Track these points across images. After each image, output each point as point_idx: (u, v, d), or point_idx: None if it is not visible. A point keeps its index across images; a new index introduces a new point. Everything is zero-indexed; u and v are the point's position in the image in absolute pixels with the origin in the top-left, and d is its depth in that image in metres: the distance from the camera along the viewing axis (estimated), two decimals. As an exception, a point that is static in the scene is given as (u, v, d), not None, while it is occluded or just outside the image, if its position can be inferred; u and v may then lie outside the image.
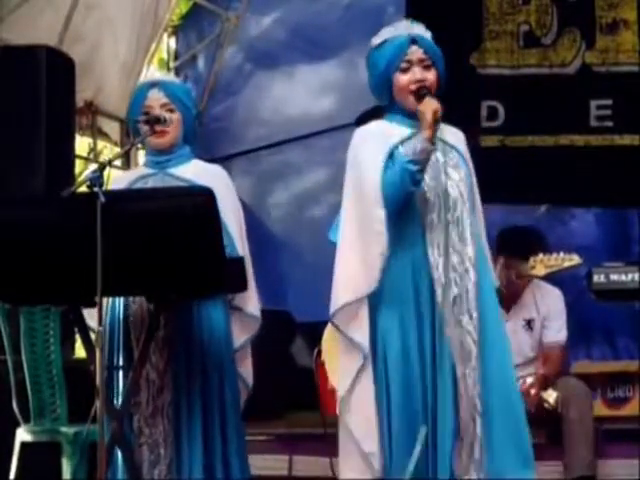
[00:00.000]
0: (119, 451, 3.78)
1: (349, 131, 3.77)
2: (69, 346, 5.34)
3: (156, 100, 3.99)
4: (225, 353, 3.93)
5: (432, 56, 3.58)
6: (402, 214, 3.47)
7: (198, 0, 7.77)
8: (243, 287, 3.80)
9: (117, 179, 4.25)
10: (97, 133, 7.33)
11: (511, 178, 6.47)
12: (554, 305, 5.25)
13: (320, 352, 4.76)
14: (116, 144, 7.54)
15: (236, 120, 7.77)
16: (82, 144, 7.26)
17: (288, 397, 6.14)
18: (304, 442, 5.67)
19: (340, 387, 3.50)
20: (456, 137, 3.65)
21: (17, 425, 4.58)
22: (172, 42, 8.00)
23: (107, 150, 7.98)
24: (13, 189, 4.11)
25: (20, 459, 4.48)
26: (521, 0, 6.59)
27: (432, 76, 3.56)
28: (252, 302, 4.02)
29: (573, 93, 6.46)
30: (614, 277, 4.59)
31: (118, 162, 7.36)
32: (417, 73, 3.55)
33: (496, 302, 3.60)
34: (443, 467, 3.39)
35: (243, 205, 4.19)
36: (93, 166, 6.77)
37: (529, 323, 5.22)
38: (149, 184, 3.98)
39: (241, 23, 7.71)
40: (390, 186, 3.43)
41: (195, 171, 4.03)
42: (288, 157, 7.60)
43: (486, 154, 6.21)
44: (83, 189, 3.54)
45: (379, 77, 3.60)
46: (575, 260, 4.90)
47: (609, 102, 6.40)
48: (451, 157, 3.57)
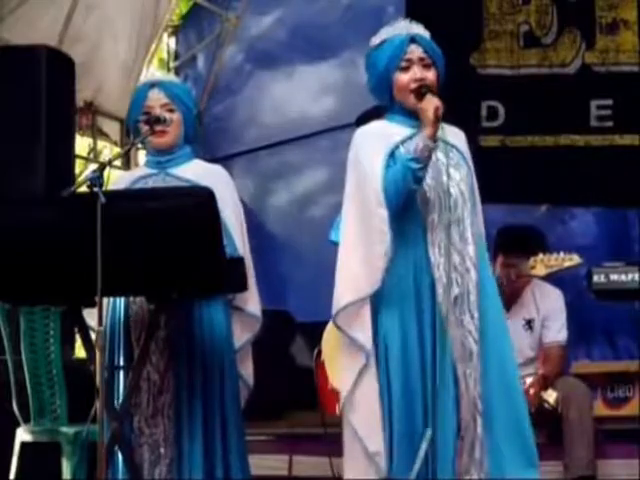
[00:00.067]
0: (119, 451, 3.79)
1: (349, 131, 3.77)
2: (69, 346, 5.34)
3: (156, 100, 3.99)
4: (226, 353, 3.93)
5: (432, 55, 3.58)
6: (403, 214, 3.46)
7: (198, 0, 7.77)
8: (243, 287, 3.81)
9: (118, 179, 4.25)
10: (97, 133, 7.33)
11: (511, 178, 6.47)
12: (554, 305, 5.25)
13: (320, 352, 4.76)
14: (116, 144, 7.54)
15: (236, 120, 7.77)
16: (82, 144, 7.26)
17: (288, 397, 6.14)
18: (304, 442, 5.67)
19: (343, 387, 3.49)
20: (457, 136, 3.64)
21: (17, 425, 4.58)
22: (172, 42, 8.00)
23: (107, 150, 7.98)
24: (13, 189, 4.10)
25: (20, 459, 4.49)
26: (521, 0, 6.59)
27: (432, 75, 3.56)
28: (253, 302, 4.02)
29: (573, 93, 6.46)
30: (614, 277, 4.60)
31: (118, 162, 7.35)
32: (417, 72, 3.54)
33: (498, 301, 3.60)
34: (445, 467, 3.39)
35: (243, 205, 4.18)
36: (93, 166, 6.77)
37: (529, 323, 5.21)
38: (150, 184, 3.97)
39: (241, 23, 7.70)
40: (392, 184, 3.42)
41: (196, 171, 4.03)
42: (288, 157, 7.60)
43: (486, 154, 6.21)
44: (83, 189, 3.54)
45: (379, 77, 3.59)
46: (575, 260, 4.89)
47: (609, 102, 6.40)
48: (452, 157, 3.56)
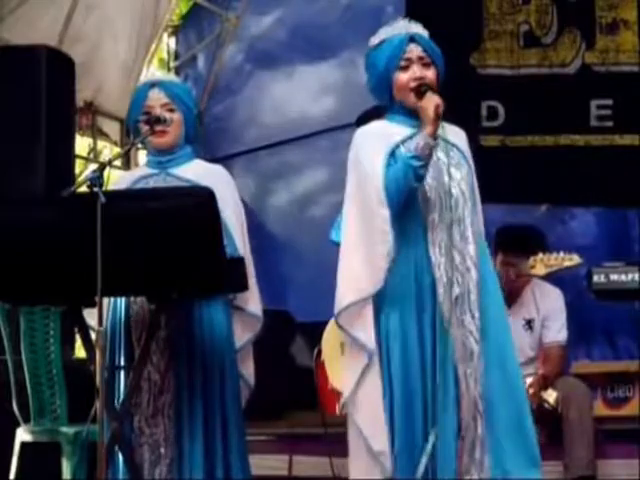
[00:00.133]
0: (119, 451, 3.79)
1: (349, 131, 3.77)
2: (69, 346, 5.34)
3: (157, 100, 3.99)
4: (226, 353, 3.92)
5: (431, 54, 3.57)
6: (404, 213, 3.45)
7: (198, 0, 7.77)
8: (243, 287, 3.80)
9: (119, 179, 4.25)
10: (97, 133, 7.34)
11: (511, 178, 6.47)
12: (554, 305, 5.25)
13: (320, 352, 4.77)
14: (116, 144, 7.55)
15: (236, 120, 7.77)
16: (82, 144, 7.26)
17: (288, 397, 6.14)
18: (304, 442, 5.67)
19: (346, 386, 3.49)
20: (457, 135, 3.64)
21: (17, 425, 4.58)
22: (172, 42, 8.00)
23: (107, 150, 7.98)
24: (13, 189, 4.10)
25: (20, 459, 4.49)
26: (521, 0, 6.59)
27: (432, 74, 3.55)
28: (254, 302, 4.01)
29: (573, 93, 6.46)
30: (614, 277, 4.60)
31: (118, 162, 7.36)
32: (417, 71, 3.53)
33: (500, 300, 3.58)
34: (445, 467, 3.38)
35: (243, 205, 4.18)
36: (93, 166, 6.77)
37: (529, 323, 5.21)
38: (151, 184, 3.97)
39: (241, 23, 7.70)
40: (393, 183, 3.41)
41: (197, 171, 4.02)
42: (288, 157, 7.60)
43: (486, 154, 6.21)
44: (83, 189, 3.54)
45: (379, 77, 3.58)
46: (575, 260, 4.89)
47: (609, 102, 6.40)
48: (452, 156, 3.55)
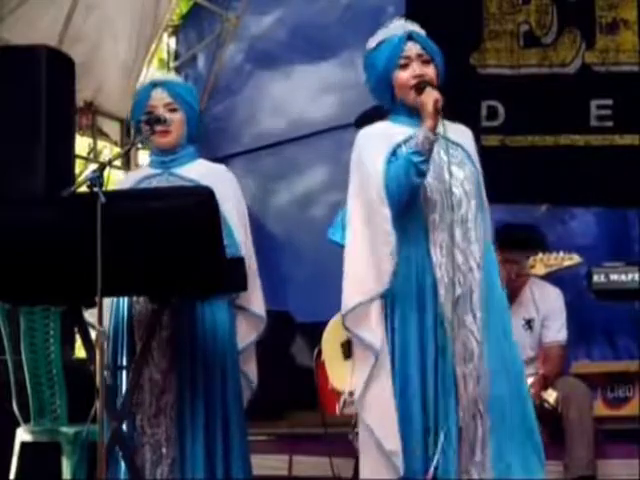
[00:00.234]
0: (120, 452, 3.78)
1: (349, 131, 3.78)
2: (69, 346, 5.34)
3: (159, 100, 3.99)
4: (228, 353, 3.91)
5: (430, 52, 3.56)
6: (405, 213, 3.44)
7: (198, 0, 7.77)
8: (242, 287, 3.80)
9: (122, 179, 4.26)
10: (97, 133, 7.34)
11: (511, 178, 6.46)
12: (554, 305, 5.25)
13: (320, 352, 4.77)
14: (116, 144, 7.55)
15: (236, 120, 7.77)
16: (82, 144, 7.26)
17: (288, 397, 6.14)
18: (304, 442, 5.67)
19: (356, 387, 3.47)
20: (462, 134, 3.62)
21: (17, 425, 4.58)
22: (172, 42, 8.00)
23: (107, 150, 7.98)
24: (13, 189, 4.10)
25: (20, 459, 4.49)
26: (521, 0, 6.59)
27: (431, 71, 3.54)
28: (257, 302, 4.01)
29: (573, 93, 6.46)
30: (614, 277, 4.59)
31: (118, 162, 7.36)
32: (416, 68, 3.52)
33: (504, 301, 3.56)
34: (446, 467, 3.38)
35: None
36: (93, 166, 6.77)
37: (529, 323, 5.21)
38: (154, 184, 3.97)
39: (241, 23, 7.71)
40: (394, 180, 3.40)
41: (200, 171, 4.01)
42: (288, 157, 7.60)
43: (486, 154, 6.16)
44: (83, 189, 3.54)
45: (379, 77, 3.57)
46: (575, 260, 4.89)
47: (609, 102, 6.40)
48: (455, 155, 3.53)
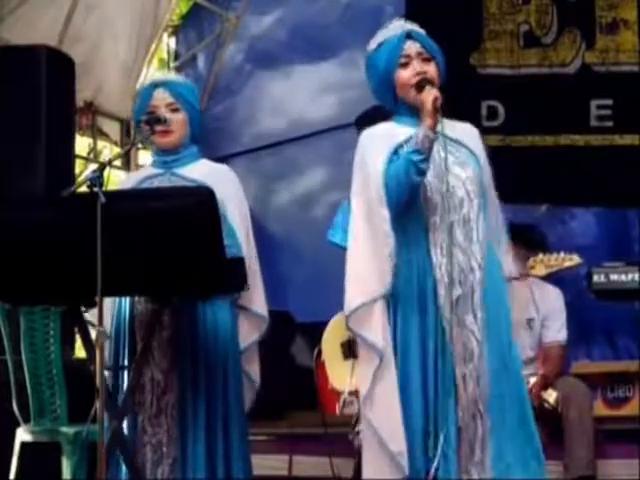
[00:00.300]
0: (119, 452, 3.78)
1: (349, 131, 3.77)
2: (69, 346, 5.34)
3: (161, 100, 3.98)
4: (230, 352, 3.91)
5: (429, 50, 3.55)
6: (405, 213, 3.43)
7: (198, 0, 7.77)
8: (241, 287, 3.79)
9: (125, 179, 4.25)
10: (97, 133, 7.34)
11: (511, 178, 6.44)
12: (554, 305, 5.25)
13: (320, 352, 4.78)
14: (116, 144, 7.55)
15: (236, 120, 7.77)
16: (82, 144, 7.26)
17: (288, 397, 6.15)
18: (304, 442, 5.67)
19: (361, 388, 3.47)
20: (465, 133, 3.61)
21: (17, 425, 4.58)
22: (172, 42, 8.01)
23: (107, 150, 7.99)
24: (13, 189, 4.10)
25: (20, 459, 4.49)
26: (521, 0, 6.59)
27: (432, 68, 3.53)
28: (259, 302, 4.00)
29: (573, 93, 6.46)
30: (614, 277, 4.60)
31: (118, 162, 7.36)
32: (417, 66, 3.51)
33: (506, 300, 3.53)
34: (446, 467, 3.38)
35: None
36: (93, 166, 6.77)
37: (529, 323, 5.21)
38: (156, 184, 3.96)
39: (241, 23, 7.71)
40: (393, 179, 3.39)
41: (202, 171, 4.00)
42: (288, 157, 7.60)
43: (486, 154, 6.20)
44: (83, 189, 3.54)
45: (380, 77, 3.57)
46: (575, 260, 4.90)
47: (609, 102, 6.40)
48: (457, 155, 3.52)
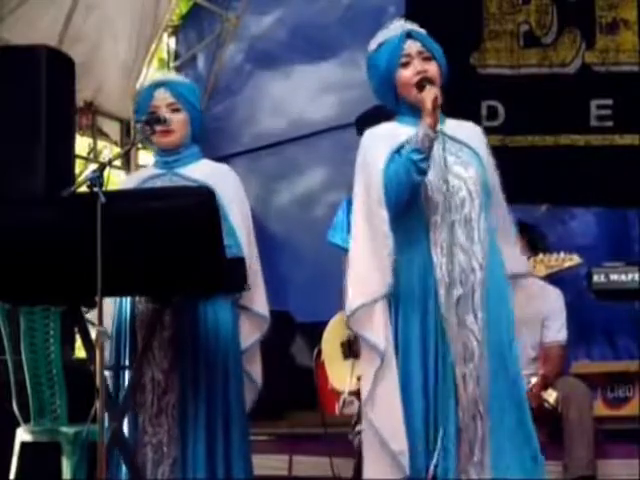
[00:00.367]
0: (119, 452, 3.78)
1: (349, 131, 3.77)
2: (69, 346, 5.34)
3: (162, 100, 3.98)
4: (231, 352, 3.90)
5: (430, 49, 3.55)
6: (406, 213, 3.43)
7: (198, 0, 7.77)
8: (240, 287, 3.79)
9: (127, 179, 4.26)
10: (97, 133, 7.34)
11: (511, 178, 6.44)
12: (554, 305, 5.24)
13: (320, 352, 4.77)
14: (116, 144, 7.55)
15: (236, 120, 7.77)
16: (82, 144, 7.26)
17: (288, 397, 6.15)
18: (304, 442, 5.67)
19: (363, 388, 3.47)
20: (469, 132, 3.60)
21: (17, 425, 4.58)
22: (172, 42, 8.00)
23: (107, 150, 7.99)
24: (13, 189, 4.09)
25: (20, 459, 4.48)
26: (521, 0, 6.60)
27: (433, 67, 3.52)
28: (260, 302, 3.99)
29: (573, 93, 6.46)
30: (614, 277, 4.60)
31: (118, 162, 7.36)
32: (418, 65, 3.51)
33: (508, 301, 3.52)
34: (446, 467, 3.38)
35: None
36: (93, 166, 6.77)
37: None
38: (157, 184, 3.96)
39: (241, 23, 7.71)
40: (393, 178, 3.38)
41: (204, 171, 4.00)
42: (288, 157, 7.60)
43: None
44: (83, 189, 3.54)
45: (381, 77, 3.56)
46: (575, 260, 4.89)
47: (609, 102, 6.40)
48: (459, 155, 3.53)
